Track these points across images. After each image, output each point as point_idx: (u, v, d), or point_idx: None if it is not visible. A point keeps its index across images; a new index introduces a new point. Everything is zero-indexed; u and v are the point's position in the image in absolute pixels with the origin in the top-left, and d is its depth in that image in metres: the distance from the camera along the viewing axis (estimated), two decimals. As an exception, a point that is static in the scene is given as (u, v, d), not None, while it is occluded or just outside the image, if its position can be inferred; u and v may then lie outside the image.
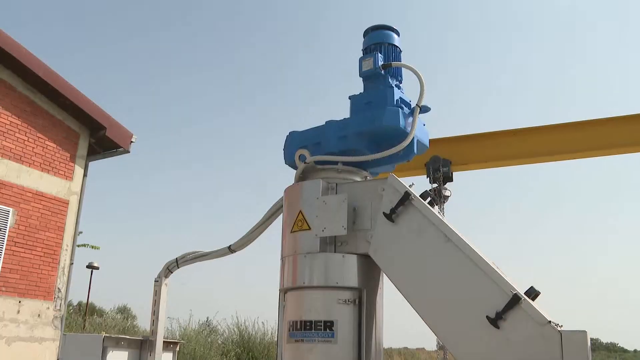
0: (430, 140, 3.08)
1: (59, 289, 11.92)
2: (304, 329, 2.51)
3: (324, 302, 2.52)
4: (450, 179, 7.81)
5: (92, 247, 24.03)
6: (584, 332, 2.25)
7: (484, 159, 8.04)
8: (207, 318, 20.87)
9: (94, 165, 13.68)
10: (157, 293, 3.34)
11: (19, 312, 11.13)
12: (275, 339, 21.03)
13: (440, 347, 8.92)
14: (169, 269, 3.31)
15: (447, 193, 7.91)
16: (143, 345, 3.35)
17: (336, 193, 2.69)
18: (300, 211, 2.70)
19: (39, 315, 11.51)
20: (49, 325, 11.70)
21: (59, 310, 11.92)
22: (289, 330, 2.58)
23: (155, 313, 3.33)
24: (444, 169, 7.64)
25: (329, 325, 2.48)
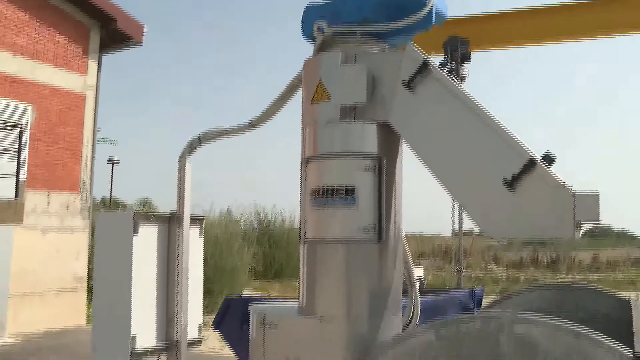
0: (448, 21, 3.02)
1: (83, 181, 12.28)
2: (326, 196, 2.60)
3: (345, 169, 2.59)
4: (468, 59, 7.67)
5: (111, 142, 24.37)
6: (597, 193, 2.32)
7: (504, 39, 7.85)
8: (228, 207, 21.51)
9: (110, 60, 13.59)
10: (181, 171, 3.44)
11: (48, 204, 11.57)
12: (292, 226, 21.78)
13: (456, 234, 9.18)
14: (191, 146, 3.39)
15: (464, 73, 7.80)
16: (171, 220, 3.51)
17: (355, 64, 2.69)
18: (320, 82, 2.71)
19: (67, 207, 11.96)
20: (77, 216, 12.18)
21: (86, 201, 12.36)
22: (311, 198, 2.67)
23: (180, 190, 3.45)
24: (462, 49, 7.48)
25: (350, 191, 2.57)
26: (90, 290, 12.59)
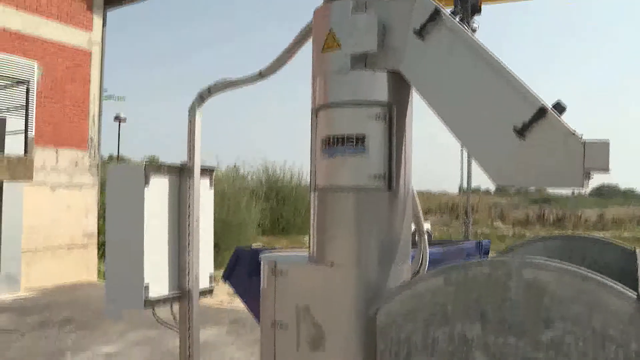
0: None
1: (91, 138, 12.31)
2: (336, 145, 2.61)
3: (355, 118, 2.60)
4: (478, 12, 7.53)
5: (118, 99, 24.34)
6: (607, 141, 2.32)
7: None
8: (235, 164, 21.58)
9: (116, 16, 13.45)
10: (191, 122, 3.44)
11: (57, 161, 11.64)
12: (300, 182, 21.85)
13: (464, 192, 9.20)
14: (201, 97, 3.38)
15: (475, 25, 7.68)
16: (182, 171, 3.53)
17: (365, 12, 2.66)
18: (330, 30, 2.69)
19: (76, 163, 12.03)
20: (86, 172, 12.27)
21: (94, 158, 12.42)
22: (322, 147, 2.68)
23: (191, 141, 3.46)
24: (472, 1, 7.33)
25: (360, 139, 2.58)
26: (100, 247, 12.79)
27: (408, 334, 2.29)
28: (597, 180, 2.40)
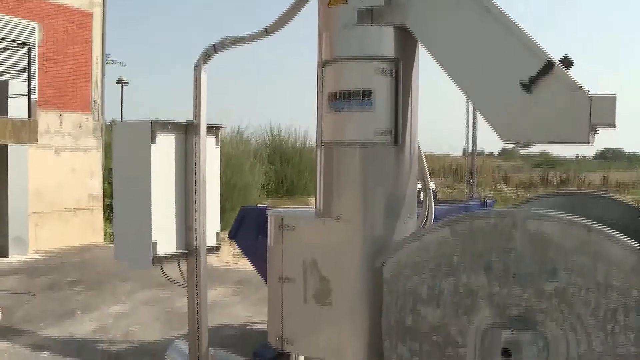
0: None
1: (94, 101, 12.27)
2: (343, 99, 2.62)
3: (362, 72, 2.59)
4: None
5: (119, 64, 24.19)
6: (613, 96, 2.31)
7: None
8: (239, 127, 21.52)
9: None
10: (197, 79, 3.43)
11: (61, 124, 11.63)
12: (305, 144, 21.81)
13: (470, 154, 9.16)
14: (207, 55, 3.37)
15: None
16: (188, 129, 3.54)
17: None
18: (336, -16, 2.66)
19: (80, 126, 12.02)
20: (90, 135, 12.27)
21: (98, 121, 12.41)
22: (328, 102, 2.69)
23: (197, 98, 3.46)
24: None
25: (367, 94, 2.58)
26: (106, 209, 12.87)
27: (414, 285, 2.33)
28: (601, 143, 2.41)
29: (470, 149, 8.92)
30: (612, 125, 2.35)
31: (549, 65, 2.35)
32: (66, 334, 6.38)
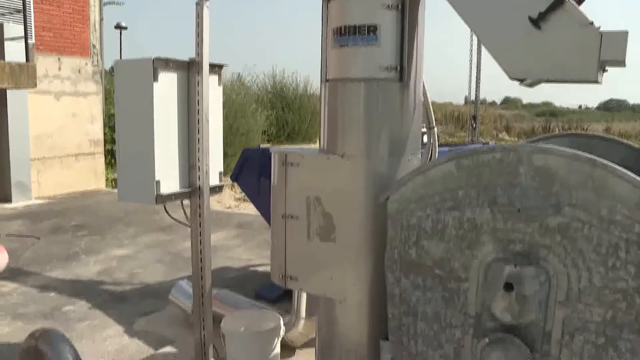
0: None
1: (93, 45, 12.09)
2: (348, 35, 2.56)
3: (367, 7, 2.53)
4: None
5: (117, 3, 23.75)
6: (626, 31, 2.26)
7: None
8: (240, 74, 21.29)
9: None
10: (199, 15, 3.36)
11: (60, 69, 11.49)
12: (306, 89, 21.67)
13: (472, 102, 9.06)
14: (208, -11, 3.29)
15: None
16: (190, 67, 3.49)
17: None
18: None
19: (79, 71, 11.88)
20: (90, 80, 12.14)
21: (97, 65, 12.25)
22: (333, 38, 2.64)
23: (199, 36, 3.40)
24: None
25: (372, 29, 2.53)
26: (107, 155, 12.88)
27: (418, 219, 2.35)
28: (605, 94, 2.37)
29: (473, 96, 8.83)
30: (622, 62, 2.30)
31: (559, 0, 2.29)
32: (72, 275, 6.49)
